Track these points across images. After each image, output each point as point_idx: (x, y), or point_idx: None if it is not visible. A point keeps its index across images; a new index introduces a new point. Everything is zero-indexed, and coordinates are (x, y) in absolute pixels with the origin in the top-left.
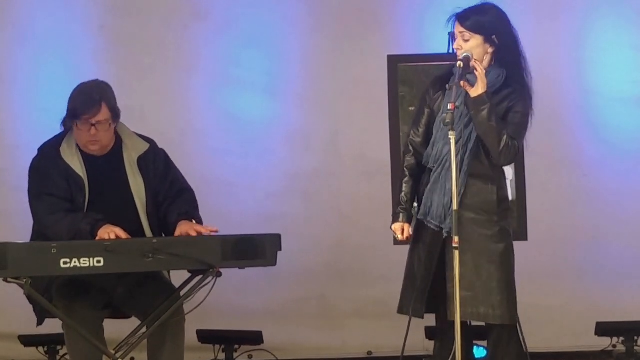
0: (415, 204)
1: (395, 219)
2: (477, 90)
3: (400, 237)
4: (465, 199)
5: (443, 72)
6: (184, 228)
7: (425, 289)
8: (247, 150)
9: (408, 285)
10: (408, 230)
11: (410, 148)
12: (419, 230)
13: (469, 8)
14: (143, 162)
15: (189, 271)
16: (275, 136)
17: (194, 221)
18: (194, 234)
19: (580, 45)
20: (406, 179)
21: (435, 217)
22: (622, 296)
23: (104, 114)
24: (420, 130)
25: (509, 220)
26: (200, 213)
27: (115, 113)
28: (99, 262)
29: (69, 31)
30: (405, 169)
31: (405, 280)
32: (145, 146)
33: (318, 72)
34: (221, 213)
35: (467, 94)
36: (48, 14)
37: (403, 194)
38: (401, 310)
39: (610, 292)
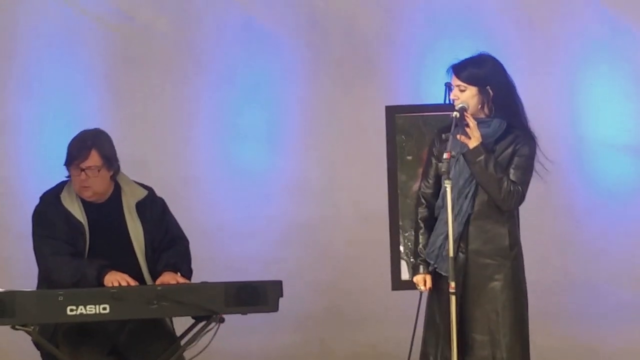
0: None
1: (415, 271)
2: (473, 142)
3: (423, 288)
4: (478, 245)
5: (446, 123)
6: (166, 278)
7: (451, 336)
8: (247, 198)
9: (431, 335)
10: (430, 281)
11: (423, 200)
12: (435, 279)
13: (465, 60)
14: (141, 208)
15: (193, 317)
16: (275, 184)
17: (178, 273)
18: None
19: (574, 93)
20: (421, 230)
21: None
22: (612, 340)
23: (93, 160)
24: (430, 181)
25: (521, 263)
26: (201, 260)
27: (108, 161)
28: (104, 309)
29: (74, 81)
30: (419, 220)
31: (427, 331)
32: (143, 193)
33: (317, 122)
34: (221, 260)
35: (465, 146)
36: (53, 63)
37: (420, 245)
38: (426, 358)
39: (600, 336)
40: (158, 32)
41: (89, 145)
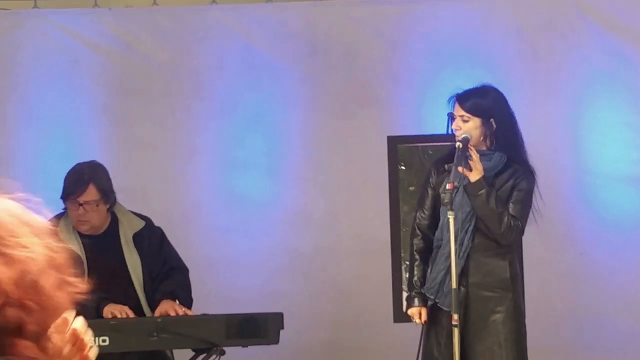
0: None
1: (410, 304)
2: (475, 175)
3: (418, 321)
4: (479, 279)
5: (444, 153)
6: (165, 307)
7: None
8: (248, 229)
9: None
10: (425, 313)
11: (418, 231)
12: (434, 313)
13: (469, 90)
14: (139, 239)
15: (193, 349)
16: (276, 215)
17: (177, 301)
18: (173, 313)
19: (576, 124)
20: (417, 262)
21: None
22: None
23: (91, 194)
24: (426, 212)
25: (521, 295)
26: (202, 291)
27: (105, 195)
28: (104, 341)
29: (73, 110)
30: (415, 252)
31: None
32: (140, 223)
33: (318, 152)
34: (222, 291)
35: (466, 178)
36: (53, 93)
37: (416, 277)
38: None
39: None
40: (158, 62)
41: (87, 180)
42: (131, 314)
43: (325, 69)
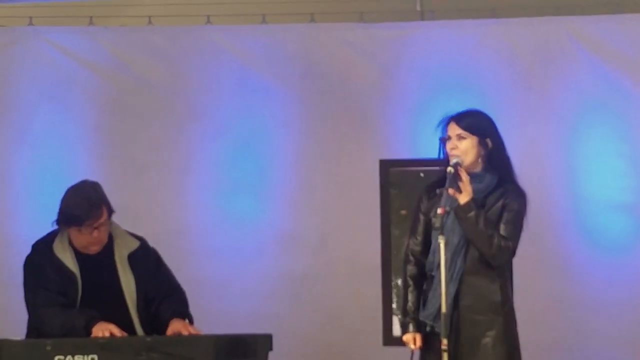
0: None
1: (405, 330)
2: (464, 197)
3: (413, 347)
4: (469, 302)
5: (435, 179)
6: (177, 326)
7: None
8: (239, 251)
9: None
10: (420, 339)
11: (411, 257)
12: (428, 339)
13: (462, 111)
14: (133, 259)
15: None
16: (267, 238)
17: (187, 320)
18: (185, 332)
19: (568, 151)
20: (410, 288)
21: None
22: None
23: (104, 215)
24: (419, 238)
25: (513, 318)
26: (193, 312)
27: (110, 212)
28: (92, 359)
29: (66, 130)
30: (408, 278)
31: None
32: (135, 243)
33: (311, 175)
34: (213, 312)
35: (456, 201)
36: (46, 113)
37: (410, 303)
38: None
39: None
40: (152, 82)
41: (99, 203)
42: (117, 333)
43: (319, 92)
